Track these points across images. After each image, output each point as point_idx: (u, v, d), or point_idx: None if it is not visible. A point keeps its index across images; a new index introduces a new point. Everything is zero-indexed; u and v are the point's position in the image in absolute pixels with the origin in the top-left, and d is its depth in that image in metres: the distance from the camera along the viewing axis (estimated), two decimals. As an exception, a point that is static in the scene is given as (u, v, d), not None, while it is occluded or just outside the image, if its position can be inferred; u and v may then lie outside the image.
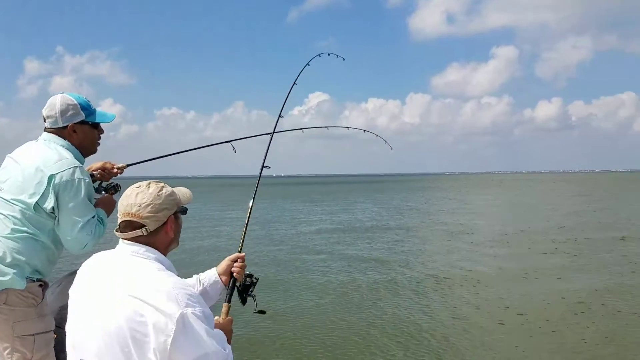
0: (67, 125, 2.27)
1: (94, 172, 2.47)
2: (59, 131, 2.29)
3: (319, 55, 3.63)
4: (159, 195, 1.60)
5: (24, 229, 2.10)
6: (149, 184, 1.64)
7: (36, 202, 2.11)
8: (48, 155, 2.19)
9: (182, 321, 1.37)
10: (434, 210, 26.45)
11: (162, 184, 1.67)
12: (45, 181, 2.12)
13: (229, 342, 1.71)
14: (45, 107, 2.31)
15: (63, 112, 2.27)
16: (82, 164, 2.30)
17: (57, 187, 2.12)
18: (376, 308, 7.39)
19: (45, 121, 2.31)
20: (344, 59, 4.18)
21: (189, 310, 1.40)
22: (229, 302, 1.99)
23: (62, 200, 2.13)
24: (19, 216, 2.10)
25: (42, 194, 2.11)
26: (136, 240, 1.57)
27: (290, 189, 71.28)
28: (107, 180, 2.51)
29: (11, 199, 2.12)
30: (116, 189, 2.45)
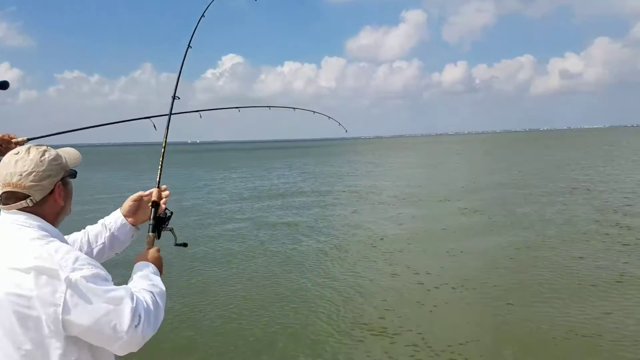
0: None
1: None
2: None
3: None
4: (41, 162, 1.43)
5: None
6: (29, 149, 1.45)
7: None
8: None
9: (70, 287, 1.26)
10: (346, 174, 27.36)
11: (44, 148, 1.48)
12: None
13: (160, 271, 1.62)
14: None
15: None
16: None
17: None
18: (283, 274, 7.73)
19: None
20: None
21: (77, 274, 1.28)
22: (152, 231, 1.84)
23: None
24: None
25: None
26: (22, 211, 1.41)
27: (204, 156, 69.60)
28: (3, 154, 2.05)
29: None
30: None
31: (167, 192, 1.94)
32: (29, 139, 2.26)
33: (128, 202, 1.89)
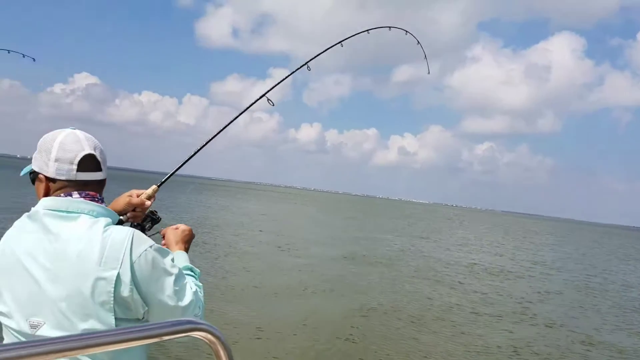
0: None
1: (121, 218, 1.71)
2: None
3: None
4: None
5: None
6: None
7: None
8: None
9: None
10: (180, 210, 29.76)
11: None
12: None
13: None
14: (66, 147, 1.42)
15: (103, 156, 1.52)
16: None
17: None
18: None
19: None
20: (34, 60, 5.18)
21: None
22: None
23: None
24: None
25: None
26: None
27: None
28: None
29: None
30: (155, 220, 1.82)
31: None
32: (159, 186, 1.94)
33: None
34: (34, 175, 1.45)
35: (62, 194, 1.39)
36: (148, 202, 1.81)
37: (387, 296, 10.77)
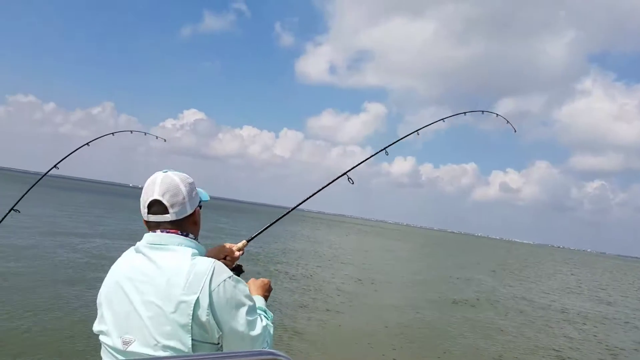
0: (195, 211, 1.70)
1: None
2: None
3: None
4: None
5: None
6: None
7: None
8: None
9: None
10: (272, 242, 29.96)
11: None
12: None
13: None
14: (144, 191, 1.63)
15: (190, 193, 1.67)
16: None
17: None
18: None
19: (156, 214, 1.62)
20: (165, 140, 4.86)
21: None
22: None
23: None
24: None
25: None
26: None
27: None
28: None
29: None
30: (240, 272, 2.03)
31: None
32: (248, 241, 2.20)
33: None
34: None
35: (157, 230, 1.61)
36: (237, 253, 2.07)
37: (466, 339, 10.62)
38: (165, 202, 1.59)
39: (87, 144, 3.93)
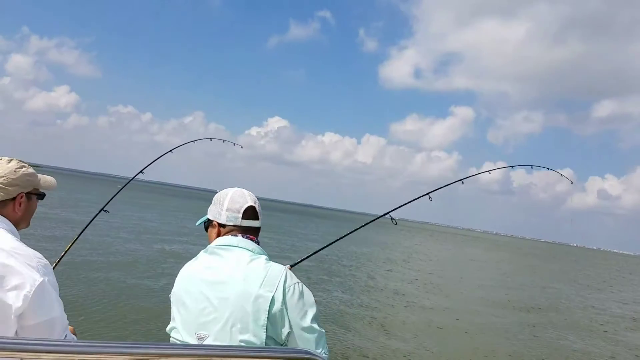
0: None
1: None
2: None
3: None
4: (15, 171, 1.67)
5: None
6: (11, 160, 1.71)
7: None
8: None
9: (41, 287, 1.48)
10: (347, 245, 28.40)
11: (25, 164, 1.73)
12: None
13: None
14: (234, 200, 1.81)
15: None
16: None
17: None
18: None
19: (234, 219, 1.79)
20: (242, 147, 5.30)
21: (46, 278, 1.51)
22: None
23: None
24: None
25: None
26: None
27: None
28: None
29: None
30: None
31: None
32: (292, 266, 2.21)
33: None
34: (207, 223, 1.85)
35: (230, 235, 1.77)
36: None
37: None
38: (257, 209, 1.83)
39: (170, 151, 4.08)
